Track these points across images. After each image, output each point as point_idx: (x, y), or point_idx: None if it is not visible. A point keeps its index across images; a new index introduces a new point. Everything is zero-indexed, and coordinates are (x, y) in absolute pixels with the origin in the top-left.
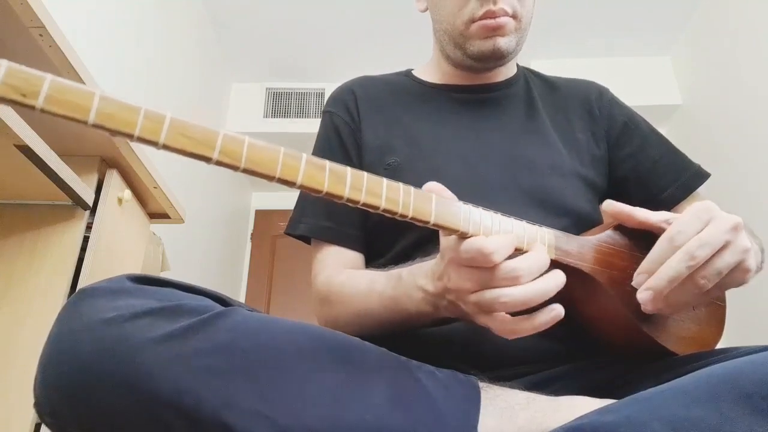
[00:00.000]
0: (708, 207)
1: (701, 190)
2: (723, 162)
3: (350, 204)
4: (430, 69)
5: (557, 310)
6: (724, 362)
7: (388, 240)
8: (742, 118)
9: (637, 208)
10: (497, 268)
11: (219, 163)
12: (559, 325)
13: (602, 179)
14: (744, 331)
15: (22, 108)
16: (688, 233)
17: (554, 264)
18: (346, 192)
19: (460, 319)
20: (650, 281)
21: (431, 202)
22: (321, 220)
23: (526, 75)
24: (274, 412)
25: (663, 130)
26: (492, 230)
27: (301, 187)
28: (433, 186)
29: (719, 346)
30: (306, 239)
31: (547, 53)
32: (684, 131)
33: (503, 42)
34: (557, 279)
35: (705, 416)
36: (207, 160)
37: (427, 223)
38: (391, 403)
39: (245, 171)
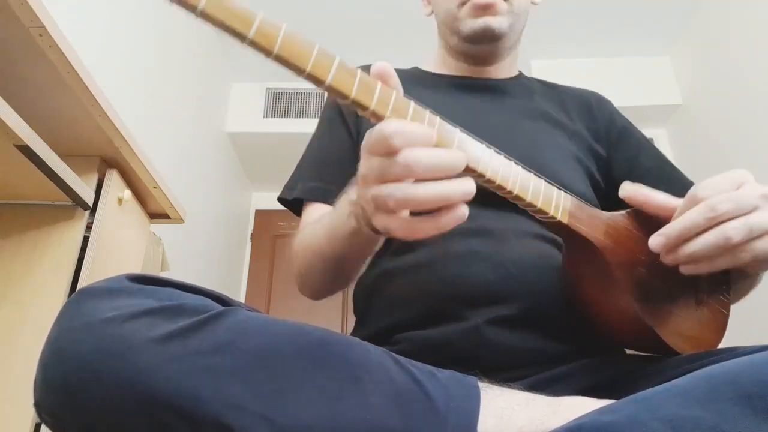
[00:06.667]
0: (742, 174)
1: None
2: (723, 162)
3: (374, 119)
4: (434, 63)
5: (462, 210)
6: (724, 362)
7: None
8: (742, 118)
9: (656, 191)
10: (395, 157)
11: (253, 44)
12: (561, 324)
13: (598, 174)
14: (744, 331)
15: None
16: (713, 190)
17: (565, 230)
18: (373, 103)
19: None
20: (665, 228)
21: (455, 135)
22: (309, 182)
23: (526, 77)
24: (273, 412)
25: (663, 130)
26: (509, 174)
27: (329, 88)
28: (379, 67)
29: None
30: (295, 209)
31: (547, 53)
32: (684, 131)
33: (494, 21)
34: (464, 186)
35: (705, 416)
36: (242, 38)
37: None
38: (391, 404)
39: (277, 58)
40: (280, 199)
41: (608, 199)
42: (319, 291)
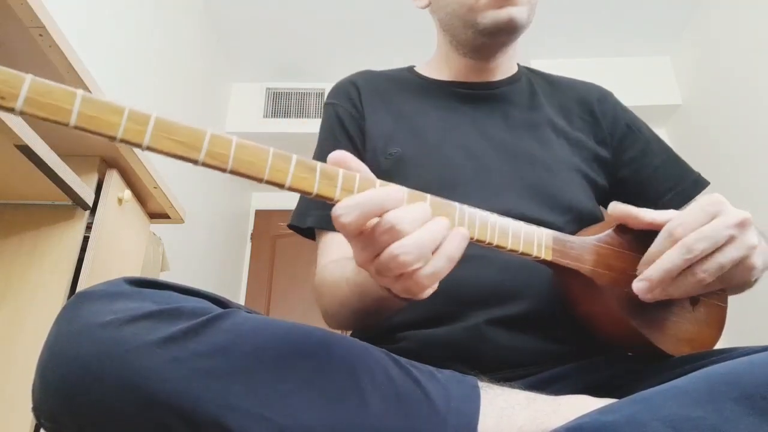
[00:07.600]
0: (716, 200)
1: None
2: (722, 162)
3: None
4: (432, 66)
5: (462, 230)
6: (724, 362)
7: None
8: (742, 118)
9: (643, 209)
10: (376, 226)
11: (205, 165)
12: (561, 324)
13: (603, 179)
14: (744, 331)
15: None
16: (688, 226)
17: (551, 265)
18: (337, 194)
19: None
20: (646, 272)
21: (426, 200)
22: (320, 208)
23: (527, 73)
24: (273, 414)
25: (663, 130)
26: (487, 226)
27: (290, 189)
28: (337, 156)
29: (718, 346)
30: (305, 233)
31: (547, 53)
32: (684, 131)
33: (517, 12)
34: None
35: (705, 416)
36: (193, 162)
37: None
38: (391, 404)
39: (232, 173)
40: (292, 226)
41: (616, 200)
42: (346, 328)
